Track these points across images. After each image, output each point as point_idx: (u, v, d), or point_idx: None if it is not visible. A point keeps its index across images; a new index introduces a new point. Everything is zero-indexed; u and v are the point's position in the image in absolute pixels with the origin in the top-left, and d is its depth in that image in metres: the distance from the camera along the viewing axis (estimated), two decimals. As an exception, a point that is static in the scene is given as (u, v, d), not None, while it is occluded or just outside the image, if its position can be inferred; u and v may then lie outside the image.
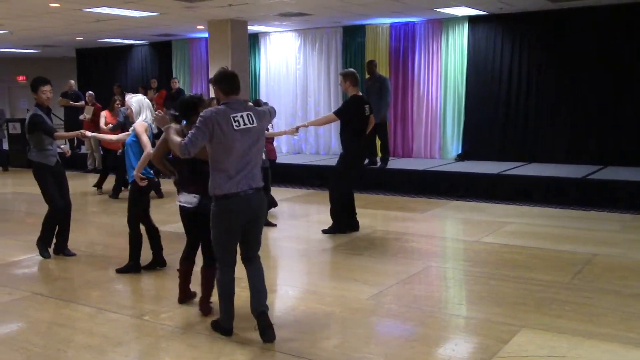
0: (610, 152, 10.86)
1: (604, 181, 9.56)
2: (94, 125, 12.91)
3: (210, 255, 4.65)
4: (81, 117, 12.95)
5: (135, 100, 5.98)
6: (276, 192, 9.26)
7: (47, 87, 6.35)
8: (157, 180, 5.85)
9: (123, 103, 14.28)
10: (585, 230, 7.80)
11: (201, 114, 4.12)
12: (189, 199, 4.72)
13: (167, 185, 10.50)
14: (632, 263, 6.25)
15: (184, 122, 4.76)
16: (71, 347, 4.30)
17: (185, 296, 5.16)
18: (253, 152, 4.18)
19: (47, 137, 6.35)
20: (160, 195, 10.37)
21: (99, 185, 11.10)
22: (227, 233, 4.22)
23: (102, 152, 12.20)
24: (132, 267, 6.10)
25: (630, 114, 10.67)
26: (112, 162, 10.83)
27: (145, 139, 5.75)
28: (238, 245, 4.35)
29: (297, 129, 7.75)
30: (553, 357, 4.03)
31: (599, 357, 4.02)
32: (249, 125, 4.13)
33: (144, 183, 5.76)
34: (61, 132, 6.71)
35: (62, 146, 7.14)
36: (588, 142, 11.04)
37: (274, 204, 8.74)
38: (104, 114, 10.73)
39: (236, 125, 4.08)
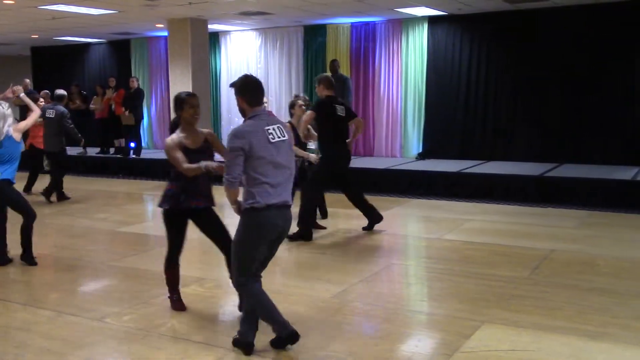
0: (566, 150, 11.11)
1: (560, 179, 9.78)
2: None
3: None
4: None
5: None
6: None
7: None
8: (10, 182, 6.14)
9: (85, 102, 13.88)
10: (543, 227, 7.97)
11: (231, 132, 3.96)
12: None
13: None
14: (588, 258, 6.41)
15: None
16: (30, 351, 4.21)
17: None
18: (289, 166, 4.07)
19: None
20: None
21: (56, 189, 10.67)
22: (260, 245, 4.04)
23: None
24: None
25: (585, 113, 10.93)
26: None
27: None
28: None
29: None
30: (514, 351, 4.11)
31: (558, 350, 4.11)
32: (282, 138, 4.01)
33: None
34: None
35: None
36: (545, 140, 11.28)
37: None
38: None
39: (272, 139, 3.95)
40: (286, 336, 4.06)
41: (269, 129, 3.97)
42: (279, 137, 4.00)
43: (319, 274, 5.98)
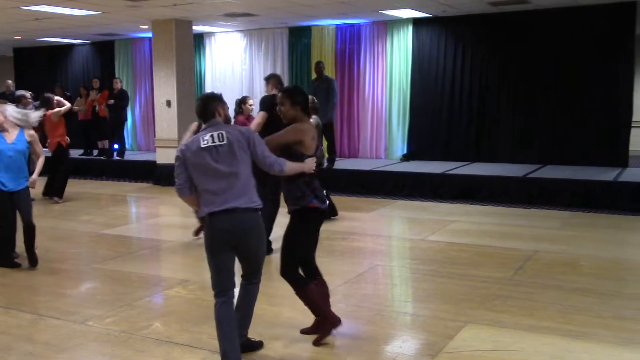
0: (549, 151, 11.20)
1: (544, 180, 9.85)
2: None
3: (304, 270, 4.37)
4: None
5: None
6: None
7: None
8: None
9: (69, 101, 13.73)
10: (526, 228, 8.02)
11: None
12: None
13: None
14: (571, 258, 6.46)
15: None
16: (12, 355, 4.17)
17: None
18: (234, 171, 3.80)
19: None
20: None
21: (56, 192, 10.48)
22: (213, 254, 3.85)
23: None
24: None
25: (568, 115, 11.02)
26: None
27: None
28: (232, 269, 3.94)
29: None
30: (497, 351, 4.13)
31: (541, 350, 4.14)
32: (217, 143, 3.79)
33: None
34: None
35: None
36: (528, 142, 11.36)
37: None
38: None
39: (203, 144, 3.78)
40: None
41: (204, 136, 3.82)
42: (213, 142, 3.79)
43: (304, 276, 5.96)
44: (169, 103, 12.28)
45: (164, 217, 9.50)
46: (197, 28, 13.27)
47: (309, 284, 4.29)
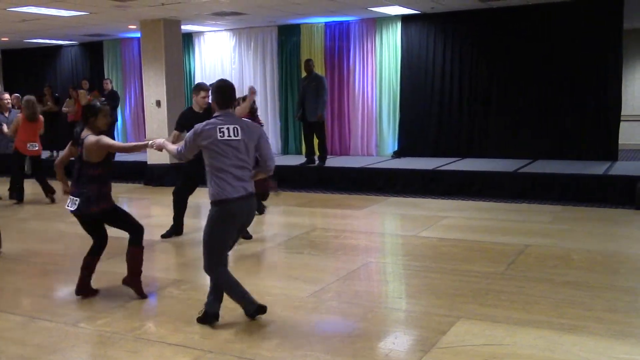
0: (539, 146, 11.24)
1: (534, 174, 9.89)
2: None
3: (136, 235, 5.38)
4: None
5: None
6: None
7: None
8: None
9: (57, 104, 13.68)
10: (517, 222, 8.04)
11: (195, 127, 4.46)
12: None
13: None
14: (562, 252, 6.48)
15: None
16: (3, 358, 4.14)
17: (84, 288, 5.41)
18: (244, 162, 4.46)
19: None
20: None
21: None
22: (227, 235, 4.55)
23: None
24: None
25: (557, 109, 11.06)
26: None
27: None
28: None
29: None
30: (489, 346, 4.13)
31: (533, 343, 4.15)
32: (233, 138, 4.40)
33: None
34: None
35: None
36: (518, 137, 11.40)
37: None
38: None
39: (220, 136, 4.37)
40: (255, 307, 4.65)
41: (222, 128, 4.42)
42: (228, 136, 4.43)
43: (296, 273, 5.97)
44: (158, 103, 12.24)
45: (156, 218, 9.46)
46: (186, 27, 13.23)
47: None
